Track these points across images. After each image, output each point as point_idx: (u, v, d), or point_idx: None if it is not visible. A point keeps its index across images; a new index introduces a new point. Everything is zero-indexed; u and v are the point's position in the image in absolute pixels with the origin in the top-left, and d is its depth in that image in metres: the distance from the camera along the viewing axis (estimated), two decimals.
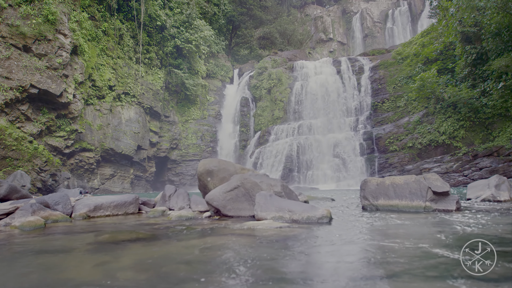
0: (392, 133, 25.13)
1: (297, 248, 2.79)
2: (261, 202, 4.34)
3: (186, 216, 5.11)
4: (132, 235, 3.74)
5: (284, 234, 3.38)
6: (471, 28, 21.05)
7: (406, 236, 3.20)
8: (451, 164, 20.74)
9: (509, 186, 7.00)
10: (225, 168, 6.13)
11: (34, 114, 18.36)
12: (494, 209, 5.24)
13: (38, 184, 17.39)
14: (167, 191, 6.42)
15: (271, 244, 2.97)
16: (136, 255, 2.84)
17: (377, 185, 5.59)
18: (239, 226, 3.97)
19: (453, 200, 4.96)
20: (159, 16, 26.88)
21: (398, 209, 5.23)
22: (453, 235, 3.18)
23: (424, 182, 5.04)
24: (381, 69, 29.22)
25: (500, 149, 19.16)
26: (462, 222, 3.94)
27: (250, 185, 4.91)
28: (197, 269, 2.31)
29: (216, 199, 5.09)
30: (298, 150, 25.84)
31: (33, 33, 17.52)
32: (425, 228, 3.62)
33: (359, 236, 3.33)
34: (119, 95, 25.12)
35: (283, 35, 40.51)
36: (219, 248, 2.92)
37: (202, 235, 3.61)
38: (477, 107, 20.75)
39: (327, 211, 4.13)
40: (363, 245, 2.93)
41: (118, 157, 24.93)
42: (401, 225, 3.94)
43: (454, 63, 23.84)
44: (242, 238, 3.36)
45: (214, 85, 34.63)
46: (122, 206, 5.97)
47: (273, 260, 2.43)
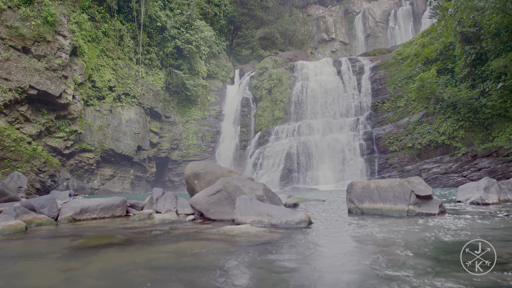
0: (392, 133, 25.05)
1: (263, 255, 2.79)
2: (241, 206, 4.36)
3: (169, 220, 5.13)
4: (108, 239, 3.76)
5: (257, 240, 3.39)
6: (471, 29, 20.96)
7: (380, 241, 3.20)
8: (450, 165, 20.64)
9: (498, 189, 6.98)
10: (212, 171, 6.15)
11: (33, 115, 18.48)
12: (479, 212, 5.22)
13: (37, 185, 17.51)
14: (155, 194, 6.44)
15: (239, 251, 2.98)
16: (104, 261, 2.86)
17: (363, 188, 5.59)
18: (216, 231, 3.98)
19: (436, 204, 4.95)
20: (159, 17, 26.97)
21: (382, 213, 5.22)
22: (425, 240, 3.17)
23: (408, 186, 5.03)
24: (382, 69, 29.15)
25: (499, 149, 19.05)
26: (440, 226, 3.94)
27: (232, 188, 4.93)
28: (153, 276, 2.33)
29: (199, 203, 5.11)
30: (298, 150, 25.82)
31: (32, 34, 17.64)
32: (400, 233, 3.62)
33: (332, 241, 3.33)
34: (119, 96, 25.22)
35: (284, 35, 40.48)
36: (186, 254, 2.94)
37: (176, 240, 3.62)
38: (477, 107, 20.65)
39: (305, 215, 4.13)
40: (332, 251, 2.93)
41: (118, 157, 25.03)
42: (379, 229, 3.93)
43: (454, 64, 23.75)
44: (215, 243, 3.37)
45: (215, 85, 34.68)
46: (109, 209, 6.00)
47: (232, 268, 2.44)
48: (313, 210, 6.47)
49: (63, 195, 8.09)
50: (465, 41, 22.15)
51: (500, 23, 18.82)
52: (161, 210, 6.17)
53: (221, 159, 31.15)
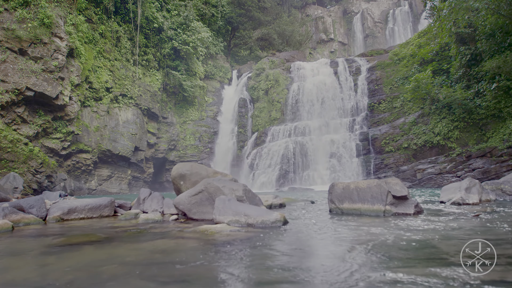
0: (388, 133, 25.17)
1: (227, 253, 2.93)
2: (220, 206, 4.50)
3: (152, 219, 5.28)
4: (89, 237, 3.91)
5: (227, 238, 3.53)
6: (466, 29, 21.07)
7: (343, 239, 3.34)
8: (445, 165, 20.77)
9: (480, 189, 7.11)
10: (197, 172, 6.29)
11: (30, 116, 18.64)
12: (453, 212, 5.35)
13: (33, 185, 17.66)
14: (142, 194, 6.59)
15: (207, 248, 3.12)
16: (80, 257, 3.00)
17: (343, 189, 5.73)
18: (192, 230, 4.12)
19: (411, 204, 5.08)
20: (156, 18, 27.13)
21: (360, 213, 5.36)
22: (386, 239, 3.31)
23: (385, 187, 5.17)
24: (378, 70, 29.27)
25: (493, 149, 19.17)
26: (408, 226, 4.07)
27: (213, 189, 5.07)
28: (122, 270, 2.47)
29: (182, 203, 5.25)
30: (294, 151, 25.96)
31: (29, 36, 17.79)
32: (368, 232, 3.76)
33: (299, 239, 3.47)
34: (117, 97, 25.37)
35: (282, 36, 40.63)
36: (157, 251, 3.08)
37: (153, 238, 3.77)
38: (471, 108, 20.77)
39: (280, 215, 4.27)
40: (296, 248, 3.07)
41: (115, 158, 25.19)
42: (349, 228, 4.07)
43: (449, 64, 23.87)
44: (188, 241, 3.52)
45: (213, 86, 34.83)
46: (97, 209, 6.14)
47: (194, 264, 2.58)
48: (297, 210, 6.61)
49: (54, 196, 8.24)
50: (460, 41, 22.27)
51: (494, 24, 18.94)
52: (147, 210, 6.31)
53: (218, 160, 31.30)
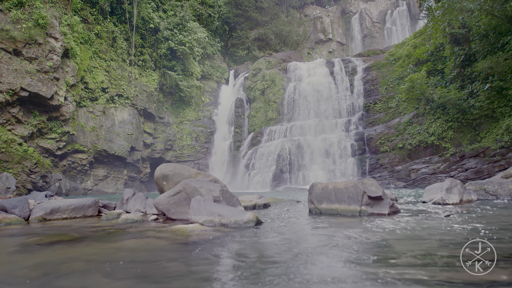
0: (383, 134, 25.23)
1: (190, 251, 3.01)
2: (195, 206, 4.58)
3: (132, 219, 5.36)
4: (63, 237, 3.99)
5: (198, 238, 3.61)
6: (460, 30, 21.14)
7: (308, 239, 3.42)
8: (438, 165, 20.84)
9: (462, 190, 7.18)
10: (180, 173, 6.37)
11: (25, 116, 18.71)
12: (430, 212, 5.43)
13: (28, 185, 17.74)
14: (125, 195, 6.67)
15: (173, 247, 3.20)
16: (47, 255, 3.09)
17: (322, 189, 5.81)
18: (166, 229, 4.20)
19: (386, 205, 5.16)
20: (152, 18, 27.19)
21: (337, 213, 5.44)
22: (353, 240, 3.39)
23: (361, 187, 5.25)
24: (374, 70, 29.34)
25: (486, 150, 19.24)
26: (379, 226, 4.15)
27: (190, 190, 5.15)
28: (83, 267, 2.55)
29: (161, 203, 5.33)
30: (290, 151, 26.03)
31: (23, 37, 17.87)
32: (335, 232, 3.83)
33: (266, 239, 3.55)
34: (113, 97, 25.45)
35: (279, 36, 40.66)
36: (125, 250, 3.17)
37: (125, 238, 3.85)
38: (465, 108, 20.82)
39: (253, 216, 4.34)
40: (255, 252, 3.15)
41: (111, 158, 25.26)
42: (321, 229, 4.15)
43: (444, 65, 23.93)
44: (158, 240, 3.60)
45: (210, 86, 34.90)
46: (80, 209, 6.22)
47: (155, 261, 2.66)
48: (279, 210, 6.68)
49: (41, 196, 8.33)
50: (454, 42, 22.34)
51: (488, 24, 19.02)
52: (130, 210, 6.39)
53: (215, 160, 31.39)
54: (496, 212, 5.29)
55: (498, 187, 8.12)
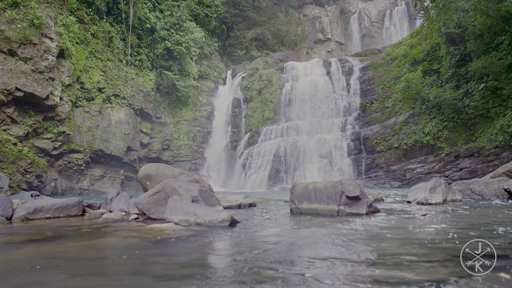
0: (379, 133, 25.25)
1: (156, 249, 3.05)
2: (171, 206, 4.61)
3: (112, 219, 5.39)
4: (37, 236, 4.02)
5: (168, 236, 3.65)
6: (455, 30, 21.16)
7: (274, 242, 3.45)
8: (433, 165, 20.87)
9: (445, 189, 7.21)
10: (163, 173, 6.41)
11: (20, 116, 18.76)
12: (408, 212, 5.46)
13: (23, 185, 17.79)
14: (109, 194, 6.71)
15: (142, 245, 3.24)
16: (12, 253, 3.13)
17: (302, 189, 5.84)
18: (141, 228, 4.24)
19: (364, 204, 5.19)
20: (148, 18, 27.23)
21: (317, 213, 5.47)
22: (320, 240, 3.42)
23: (339, 187, 5.28)
24: (371, 70, 29.36)
25: (481, 149, 19.27)
26: (351, 226, 4.18)
27: (169, 189, 5.19)
28: (44, 264, 2.59)
29: (141, 203, 5.37)
30: (286, 151, 26.05)
31: (18, 37, 17.92)
32: (306, 235, 3.86)
33: (236, 238, 3.58)
34: (109, 97, 25.49)
35: (277, 36, 40.67)
36: (93, 248, 3.21)
37: (98, 236, 3.89)
38: (460, 108, 20.85)
39: (228, 215, 4.38)
40: (225, 247, 3.18)
41: (107, 158, 25.31)
42: (295, 228, 4.18)
43: (440, 64, 23.95)
44: (129, 239, 3.63)
45: (207, 86, 34.94)
46: (64, 208, 6.26)
47: (119, 260, 2.69)
48: (262, 210, 6.72)
49: (27, 196, 8.37)
50: (450, 42, 22.36)
51: (483, 24, 19.04)
52: (114, 210, 6.42)
53: (212, 160, 31.42)
54: (474, 212, 5.32)
55: (484, 187, 8.15)
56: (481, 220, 4.39)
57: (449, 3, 19.13)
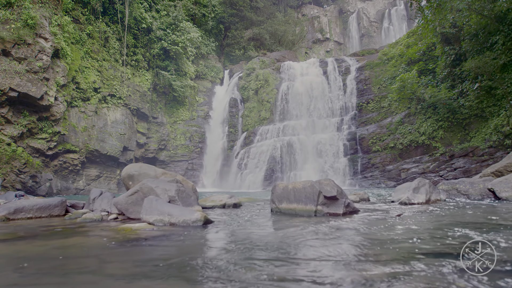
0: (375, 133, 25.25)
1: (122, 248, 3.06)
2: (147, 206, 4.63)
3: (91, 219, 5.41)
4: (7, 236, 4.04)
5: (138, 236, 3.66)
6: (450, 29, 21.16)
7: (239, 242, 3.46)
8: (428, 165, 20.87)
9: (429, 189, 7.22)
10: (145, 173, 6.42)
11: (14, 116, 18.78)
12: (386, 212, 5.47)
13: (17, 185, 17.81)
14: (92, 194, 6.72)
15: (108, 245, 3.25)
16: None
17: (282, 189, 5.85)
18: (113, 228, 4.26)
19: (341, 205, 5.20)
20: (144, 18, 27.24)
21: (295, 213, 5.48)
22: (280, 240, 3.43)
23: (317, 187, 5.29)
24: (367, 69, 29.35)
25: (475, 149, 19.27)
26: (323, 228, 4.19)
27: (147, 189, 5.20)
28: (5, 262, 2.60)
29: (120, 203, 5.38)
30: (282, 151, 26.06)
31: (12, 37, 17.94)
32: (277, 235, 3.87)
33: (202, 240, 3.59)
34: (105, 97, 25.51)
35: (274, 36, 40.66)
36: (60, 247, 3.23)
37: (69, 236, 3.90)
38: (455, 107, 20.85)
39: (201, 215, 4.39)
40: (182, 252, 3.19)
41: (103, 158, 25.33)
42: (268, 230, 4.19)
43: (435, 64, 23.94)
44: (98, 239, 3.65)
45: (204, 86, 34.94)
46: (46, 208, 6.27)
47: (81, 259, 2.71)
48: (245, 210, 6.73)
49: (12, 196, 8.40)
50: (445, 41, 22.35)
51: (478, 24, 19.05)
52: (96, 210, 6.43)
53: (208, 160, 31.45)
54: (451, 212, 5.33)
55: (469, 186, 8.16)
56: (453, 220, 4.40)
57: (443, 3, 19.14)
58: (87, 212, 6.31)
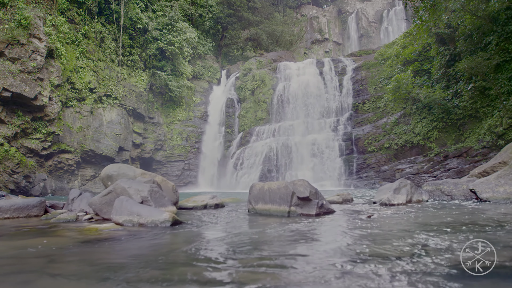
0: (371, 133, 25.21)
1: (79, 248, 3.05)
2: (117, 206, 4.62)
3: (65, 219, 5.41)
4: None
5: (99, 237, 3.66)
6: (445, 30, 21.13)
7: (195, 242, 3.46)
8: (422, 165, 20.83)
9: (410, 190, 7.20)
10: (124, 173, 6.42)
11: (8, 117, 18.80)
12: (362, 213, 5.45)
13: (10, 185, 17.84)
14: (71, 195, 6.72)
15: (63, 245, 3.24)
16: None
17: (259, 190, 5.84)
18: (80, 228, 4.25)
19: (314, 205, 5.19)
20: (140, 19, 27.26)
21: (270, 213, 5.47)
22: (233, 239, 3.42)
23: (291, 188, 5.28)
24: (363, 70, 29.33)
25: (469, 150, 19.23)
26: (289, 228, 4.18)
27: (120, 190, 5.20)
28: None
29: (95, 203, 5.38)
30: (277, 151, 26.04)
31: (6, 37, 17.96)
32: (241, 237, 3.86)
33: (162, 241, 3.59)
34: (101, 97, 25.52)
35: (272, 36, 40.63)
36: (18, 247, 3.24)
37: (32, 236, 3.90)
38: (450, 108, 20.80)
39: (170, 216, 4.38)
40: (136, 253, 3.18)
41: (99, 158, 25.34)
42: (238, 230, 4.18)
43: (431, 64, 23.91)
44: (60, 238, 3.65)
45: (201, 86, 34.93)
46: (24, 209, 6.27)
47: (23, 259, 2.70)
48: (224, 211, 6.72)
49: None
50: (440, 42, 22.33)
51: (472, 24, 19.02)
52: (75, 210, 6.43)
53: (205, 160, 31.44)
54: (427, 213, 5.31)
55: (453, 187, 8.13)
56: (421, 222, 4.38)
57: (438, 3, 19.09)
58: (64, 212, 6.31)
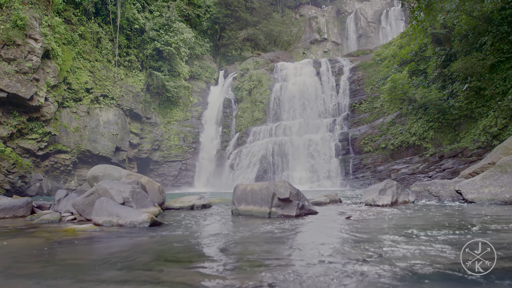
0: (367, 134, 25.24)
1: (58, 248, 3.09)
2: (97, 207, 4.66)
3: (48, 219, 5.45)
4: None
5: (76, 237, 3.69)
6: (441, 30, 21.15)
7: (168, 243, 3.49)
8: (418, 165, 20.86)
9: (397, 191, 7.23)
10: (110, 174, 6.46)
11: (4, 117, 18.85)
12: (343, 214, 5.48)
13: (6, 186, 17.88)
14: (57, 195, 6.76)
15: (37, 245, 3.28)
16: None
17: (242, 191, 5.87)
18: (58, 229, 4.29)
19: (294, 207, 5.22)
20: (137, 19, 27.30)
21: (252, 214, 5.51)
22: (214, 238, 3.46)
23: (272, 189, 5.31)
24: (360, 70, 29.35)
25: (464, 150, 19.25)
26: (267, 229, 4.21)
27: (102, 191, 5.24)
28: None
29: (78, 204, 5.42)
30: (274, 151, 26.07)
31: (1, 38, 18.01)
32: (216, 238, 3.90)
33: (136, 241, 3.62)
34: (97, 98, 25.57)
35: (269, 36, 40.65)
36: None
37: (10, 237, 3.94)
38: (445, 108, 20.83)
39: (148, 217, 4.42)
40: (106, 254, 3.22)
41: (95, 158, 25.38)
42: (216, 232, 4.22)
43: (427, 65, 23.93)
44: (35, 239, 3.69)
45: (198, 86, 34.96)
46: (10, 209, 6.31)
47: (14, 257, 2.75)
48: (208, 212, 6.75)
49: None
50: (436, 42, 22.36)
51: (468, 24, 19.05)
52: (61, 211, 6.47)
53: (202, 160, 31.48)
54: (409, 214, 5.33)
55: (440, 188, 8.16)
56: (399, 224, 4.41)
57: (433, 4, 19.11)
58: (48, 213, 6.35)
